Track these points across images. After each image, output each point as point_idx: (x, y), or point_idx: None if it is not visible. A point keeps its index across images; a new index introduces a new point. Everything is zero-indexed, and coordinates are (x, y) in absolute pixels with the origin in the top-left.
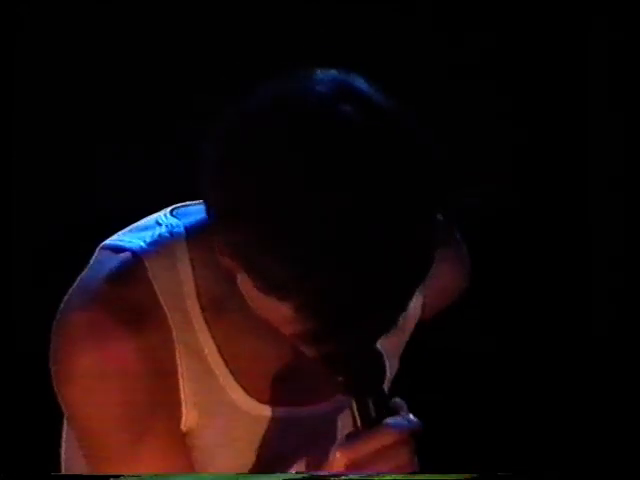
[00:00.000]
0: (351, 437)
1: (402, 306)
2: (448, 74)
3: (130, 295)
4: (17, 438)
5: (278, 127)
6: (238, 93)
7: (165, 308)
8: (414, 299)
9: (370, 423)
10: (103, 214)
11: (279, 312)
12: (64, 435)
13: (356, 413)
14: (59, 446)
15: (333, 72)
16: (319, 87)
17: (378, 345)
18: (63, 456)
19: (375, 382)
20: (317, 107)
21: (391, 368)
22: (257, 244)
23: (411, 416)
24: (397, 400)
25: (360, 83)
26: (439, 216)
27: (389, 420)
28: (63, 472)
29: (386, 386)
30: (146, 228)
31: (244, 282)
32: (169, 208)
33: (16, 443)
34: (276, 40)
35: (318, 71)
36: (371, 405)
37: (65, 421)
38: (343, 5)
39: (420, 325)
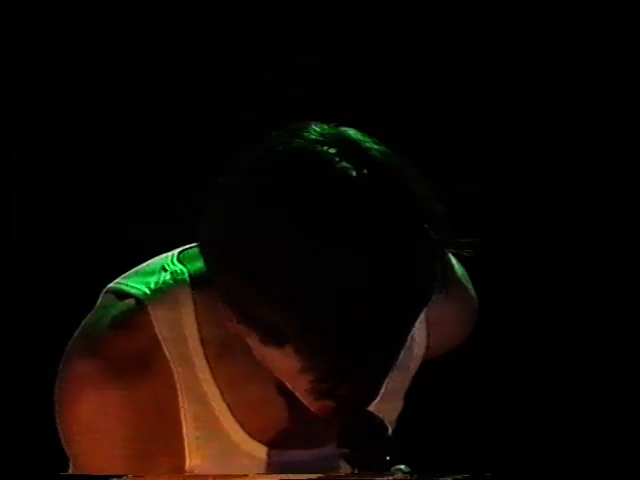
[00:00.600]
0: None
1: (397, 346)
2: (448, 74)
3: (133, 343)
4: (21, 438)
5: (277, 186)
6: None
7: (168, 355)
8: (418, 341)
9: None
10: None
11: (284, 365)
12: None
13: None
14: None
15: (331, 128)
16: (319, 145)
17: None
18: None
19: (378, 454)
20: (316, 166)
21: (395, 407)
22: (255, 292)
23: None
24: (401, 467)
25: (358, 138)
26: (449, 263)
27: None
28: None
29: (392, 423)
30: (152, 273)
31: (251, 340)
32: (177, 251)
33: (20, 443)
34: (275, 39)
35: (317, 127)
36: (373, 471)
37: None
38: (342, 4)
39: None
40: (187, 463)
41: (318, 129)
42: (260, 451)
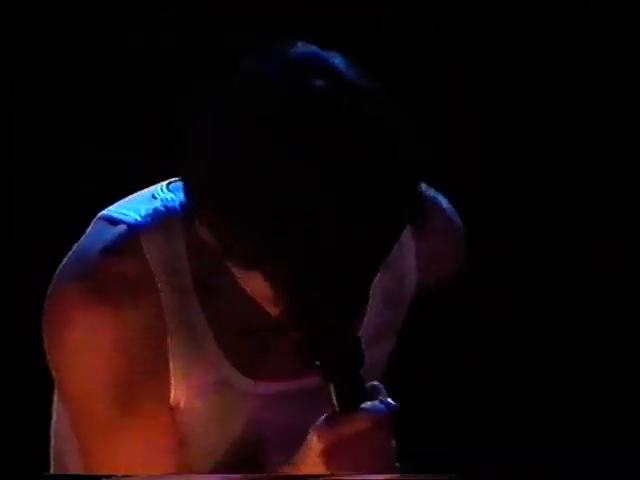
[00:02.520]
0: (328, 421)
1: (369, 276)
2: (446, 70)
3: (124, 268)
4: (7, 438)
5: (250, 111)
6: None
7: (158, 282)
8: (407, 274)
9: (347, 407)
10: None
11: (256, 284)
12: (52, 430)
13: (333, 397)
14: (49, 445)
15: (307, 47)
16: (294, 68)
17: (373, 320)
18: (52, 452)
19: (353, 367)
20: (289, 86)
21: (386, 344)
22: (225, 214)
23: (389, 400)
24: (375, 384)
25: (336, 60)
26: (435, 196)
27: (366, 404)
28: (52, 467)
29: (384, 360)
30: (142, 201)
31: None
32: (165, 182)
33: (7, 443)
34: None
35: (294, 46)
36: (348, 389)
37: (53, 417)
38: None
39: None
40: (172, 393)
41: (302, 55)
42: (247, 383)
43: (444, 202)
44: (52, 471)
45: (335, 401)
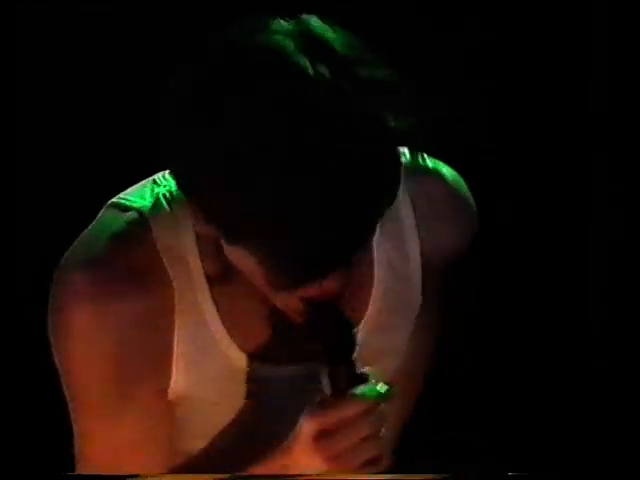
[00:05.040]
0: (318, 405)
1: (355, 242)
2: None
3: (133, 255)
4: (28, 438)
5: (233, 86)
6: None
7: (167, 267)
8: (409, 242)
9: (340, 392)
10: None
11: (248, 264)
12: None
13: (327, 382)
14: (71, 446)
15: (291, 22)
16: (276, 38)
17: (382, 292)
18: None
19: (346, 351)
20: (274, 61)
21: (402, 325)
22: (211, 189)
23: (381, 384)
24: (366, 369)
25: (319, 29)
26: (435, 166)
27: (356, 390)
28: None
29: (401, 346)
30: (149, 189)
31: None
32: (165, 172)
33: (28, 442)
34: None
35: (274, 20)
36: (342, 374)
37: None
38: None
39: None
40: (178, 383)
41: (277, 24)
42: (252, 366)
43: (447, 172)
44: None
45: (329, 386)
